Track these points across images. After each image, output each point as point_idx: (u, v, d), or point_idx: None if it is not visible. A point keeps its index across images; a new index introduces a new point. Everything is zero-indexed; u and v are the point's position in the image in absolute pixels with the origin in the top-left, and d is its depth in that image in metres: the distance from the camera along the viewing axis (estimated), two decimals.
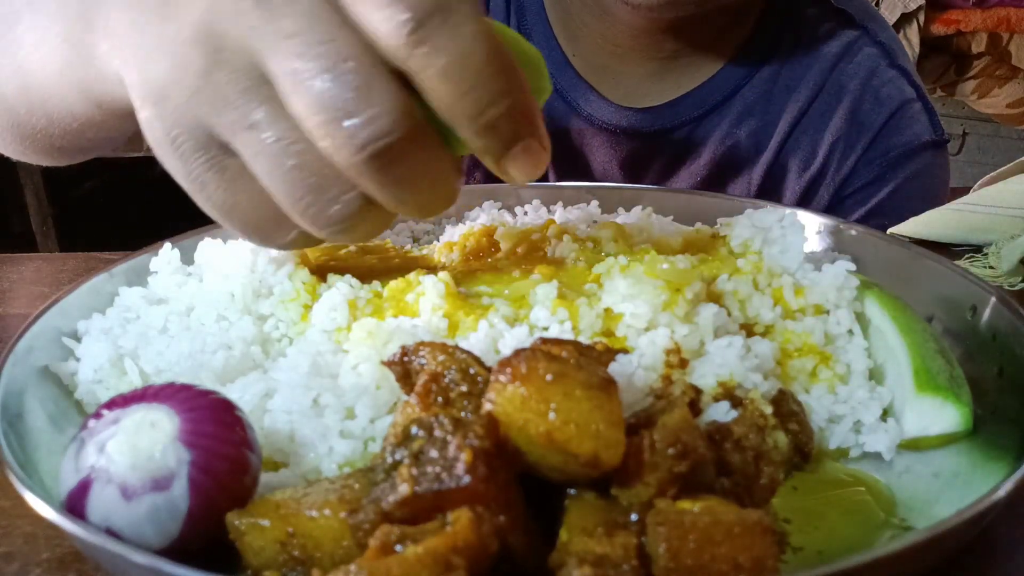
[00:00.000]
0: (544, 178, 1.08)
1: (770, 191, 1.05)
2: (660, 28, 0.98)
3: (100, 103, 0.57)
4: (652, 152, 1.06)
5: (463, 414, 0.45)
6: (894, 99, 1.02)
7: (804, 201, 1.04)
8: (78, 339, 0.62)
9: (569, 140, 1.07)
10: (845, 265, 0.64)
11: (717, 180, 1.05)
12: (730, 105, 1.03)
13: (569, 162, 1.08)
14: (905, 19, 2.63)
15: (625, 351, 0.53)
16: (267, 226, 0.49)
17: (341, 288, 0.61)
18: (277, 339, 0.61)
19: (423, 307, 0.58)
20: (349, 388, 0.53)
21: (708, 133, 1.04)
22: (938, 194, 1.05)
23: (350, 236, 0.47)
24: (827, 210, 1.02)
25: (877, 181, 1.02)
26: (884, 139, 1.02)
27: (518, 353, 0.43)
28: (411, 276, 0.62)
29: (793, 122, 1.02)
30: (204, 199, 0.48)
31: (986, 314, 0.62)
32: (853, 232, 0.76)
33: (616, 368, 0.50)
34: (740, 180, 1.05)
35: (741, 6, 1.00)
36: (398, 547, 0.38)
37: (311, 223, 0.46)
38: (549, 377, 0.42)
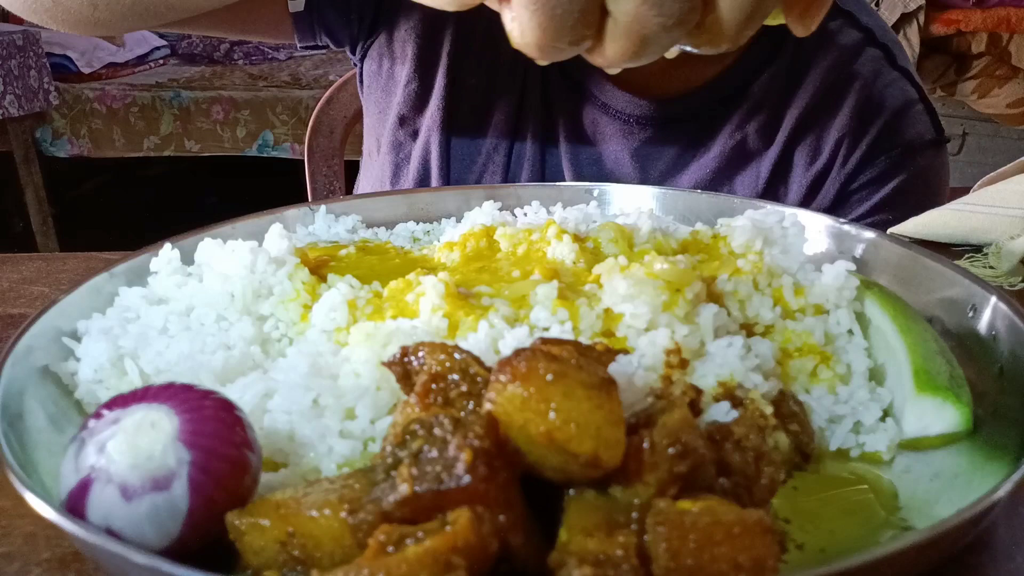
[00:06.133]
0: (549, 172, 1.09)
1: (778, 185, 1.06)
2: None
3: None
4: (663, 143, 1.07)
5: (463, 414, 0.45)
6: (897, 99, 1.04)
7: (811, 195, 1.05)
8: (78, 339, 0.62)
9: (582, 128, 1.08)
10: (845, 265, 0.64)
11: (726, 172, 1.06)
12: (741, 98, 1.04)
13: (581, 150, 1.08)
14: (905, 19, 2.63)
15: (625, 351, 0.53)
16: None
17: (341, 288, 0.61)
18: (277, 339, 0.62)
19: (423, 307, 0.58)
20: (349, 389, 0.53)
21: (719, 125, 1.06)
22: (939, 191, 1.08)
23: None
24: (833, 205, 1.05)
25: (881, 178, 1.04)
26: (888, 137, 1.04)
27: (518, 353, 0.43)
28: (411, 276, 0.62)
29: (800, 117, 1.04)
30: None
31: (986, 314, 0.62)
32: (853, 232, 0.76)
33: (616, 368, 0.50)
34: (748, 172, 1.06)
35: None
36: (395, 547, 0.38)
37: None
38: (549, 377, 0.42)
